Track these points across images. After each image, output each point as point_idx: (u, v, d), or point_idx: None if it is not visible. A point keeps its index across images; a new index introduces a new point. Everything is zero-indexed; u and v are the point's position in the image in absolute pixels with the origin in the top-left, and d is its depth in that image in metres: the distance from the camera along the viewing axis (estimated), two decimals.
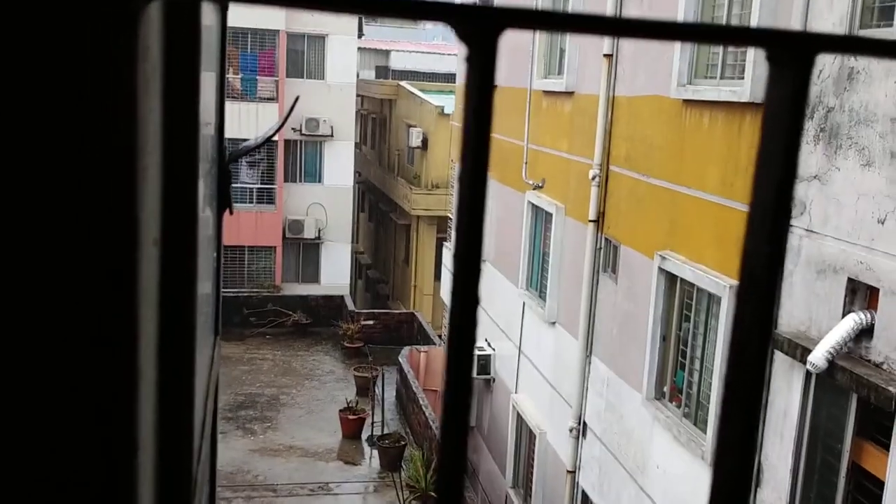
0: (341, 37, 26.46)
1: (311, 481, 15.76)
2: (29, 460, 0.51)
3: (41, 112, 0.44)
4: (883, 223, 5.89)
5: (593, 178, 10.44)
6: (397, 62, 34.10)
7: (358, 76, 28.79)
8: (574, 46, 11.37)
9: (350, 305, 24.64)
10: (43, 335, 0.48)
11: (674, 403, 8.90)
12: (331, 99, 26.42)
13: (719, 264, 7.84)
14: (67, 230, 0.46)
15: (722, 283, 7.72)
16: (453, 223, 0.46)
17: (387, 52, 34.57)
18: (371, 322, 22.99)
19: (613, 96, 10.17)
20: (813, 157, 6.63)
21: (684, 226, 8.52)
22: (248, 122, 24.92)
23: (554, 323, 11.98)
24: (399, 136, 29.02)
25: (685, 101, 8.51)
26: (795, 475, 6.74)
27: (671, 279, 8.86)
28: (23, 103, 0.44)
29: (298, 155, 27.00)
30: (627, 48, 9.94)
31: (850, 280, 6.20)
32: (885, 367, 5.86)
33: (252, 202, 26.25)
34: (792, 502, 6.76)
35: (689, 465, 8.30)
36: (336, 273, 27.27)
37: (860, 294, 6.18)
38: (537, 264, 12.86)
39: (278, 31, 25.49)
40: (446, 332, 0.43)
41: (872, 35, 6.07)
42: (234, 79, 25.45)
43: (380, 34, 42.09)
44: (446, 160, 18.97)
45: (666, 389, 9.07)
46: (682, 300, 8.77)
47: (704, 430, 8.14)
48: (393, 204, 28.69)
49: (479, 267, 0.42)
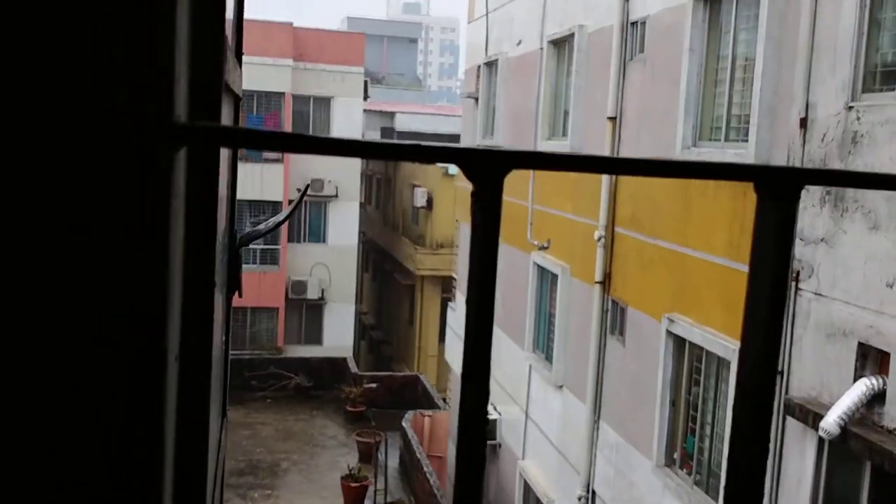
0: (346, 99, 26.84)
1: None
2: None
3: (93, 255, 0.50)
4: (892, 287, 5.83)
5: (599, 240, 10.43)
6: (402, 123, 34.54)
7: (363, 137, 29.06)
8: (578, 108, 11.48)
9: (353, 368, 24.46)
10: (76, 465, 0.52)
11: (684, 470, 8.70)
12: (336, 159, 26.62)
13: (728, 327, 7.75)
14: (104, 354, 0.51)
15: (731, 346, 7.62)
16: (462, 359, 0.45)
17: (391, 114, 35.02)
18: (374, 385, 22.76)
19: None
20: (820, 220, 6.60)
21: (692, 288, 8.45)
22: (253, 182, 25.12)
23: (561, 386, 11.83)
24: (404, 197, 29.19)
25: None
26: None
27: (679, 342, 8.76)
28: (69, 242, 0.49)
29: (303, 215, 27.14)
30: (631, 110, 10.02)
31: (861, 344, 6.11)
32: None
33: (255, 263, 26.29)
34: None
35: None
36: (339, 334, 27.15)
37: (871, 358, 6.08)
38: (544, 326, 12.77)
39: (284, 93, 25.86)
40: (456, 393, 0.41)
41: (875, 100, 6.09)
42: None
43: (385, 96, 42.76)
44: (451, 220, 19.03)
45: (676, 456, 8.89)
46: (691, 364, 8.65)
47: (716, 499, 7.94)
48: (397, 264, 28.70)
49: (486, 395, 0.40)
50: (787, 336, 6.91)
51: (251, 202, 24.33)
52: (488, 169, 0.42)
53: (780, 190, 0.45)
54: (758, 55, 7.44)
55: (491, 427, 14.20)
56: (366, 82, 27.59)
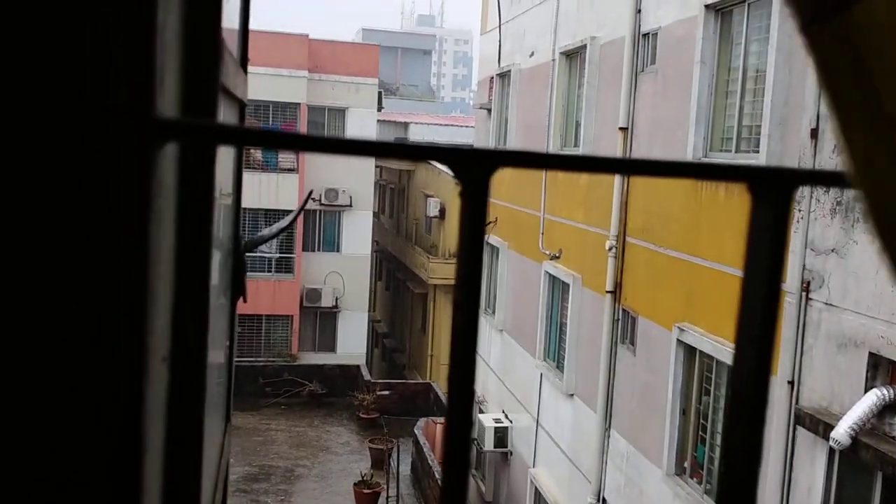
0: (361, 110, 26.97)
1: None
2: None
3: (61, 247, 0.48)
4: None
5: (610, 249, 10.46)
6: (416, 134, 34.64)
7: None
8: (590, 120, 11.53)
9: (366, 375, 24.49)
10: (41, 469, 0.49)
11: (695, 479, 8.71)
12: (350, 169, 26.79)
13: None
14: (78, 348, 0.48)
15: None
16: (449, 355, 0.45)
17: (405, 125, 35.15)
18: (387, 392, 22.80)
19: None
20: (830, 231, 6.62)
21: (702, 297, 8.47)
22: (269, 192, 25.27)
23: (572, 395, 11.84)
24: (417, 206, 29.27)
25: None
26: None
27: (690, 351, 8.77)
28: (43, 235, 0.47)
29: (317, 224, 27.25)
30: (642, 121, 10.07)
31: (872, 354, 6.12)
32: None
33: (270, 271, 26.41)
34: None
35: None
36: (352, 342, 27.21)
37: (882, 368, 6.09)
38: (555, 335, 12.79)
39: (299, 103, 26.03)
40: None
41: None
42: (256, 150, 25.91)
43: (399, 107, 42.89)
44: None
45: (686, 465, 8.89)
46: (701, 373, 8.66)
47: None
48: (410, 273, 28.75)
49: (471, 397, 0.43)
50: (798, 346, 6.93)
51: (267, 211, 24.47)
52: (475, 168, 0.41)
53: (773, 191, 0.44)
54: (769, 66, 7.48)
55: (502, 435, 14.20)
56: (380, 93, 27.73)
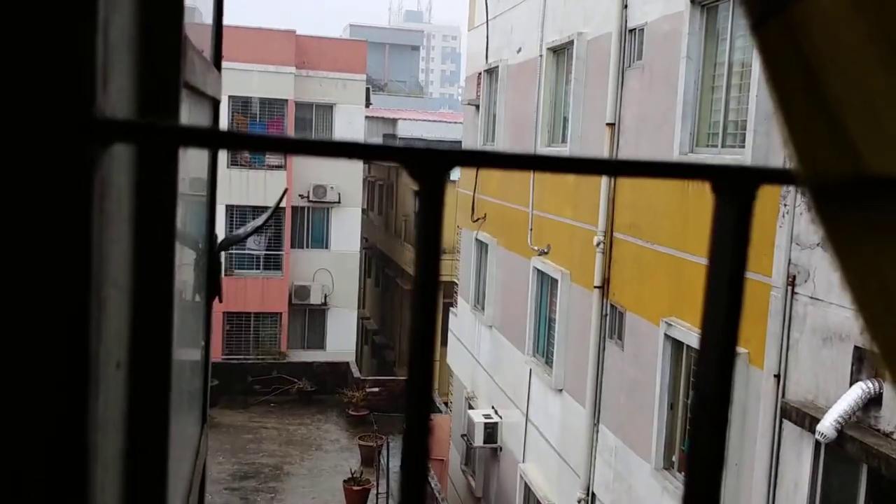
0: (349, 106, 26.92)
1: None
2: None
3: None
4: None
5: (598, 245, 10.48)
6: (404, 130, 34.60)
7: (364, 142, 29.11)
8: (577, 115, 11.54)
9: (356, 372, 24.48)
10: None
11: (683, 473, 8.74)
12: (339, 166, 26.73)
13: None
14: (18, 356, 0.47)
15: None
16: (409, 346, 0.45)
17: (394, 121, 35.10)
18: (376, 389, 22.80)
19: None
20: (815, 226, 6.64)
21: (689, 292, 8.50)
22: (256, 189, 25.21)
23: (561, 390, 11.86)
24: (406, 203, 29.26)
25: None
26: None
27: (677, 346, 8.80)
28: None
29: (305, 221, 27.20)
30: (629, 116, 10.09)
31: (857, 348, 6.15)
32: (894, 436, 5.77)
33: (259, 268, 26.35)
34: None
35: None
36: (342, 339, 27.18)
37: (867, 362, 6.13)
38: (544, 330, 12.81)
39: (287, 100, 25.95)
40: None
41: None
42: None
43: (387, 103, 42.82)
44: (452, 226, 19.09)
45: (675, 459, 8.93)
46: (689, 367, 8.69)
47: None
48: (399, 269, 28.74)
49: (429, 394, 0.43)
50: (784, 340, 6.96)
51: (255, 208, 24.42)
52: (430, 167, 0.41)
53: (735, 189, 0.44)
54: (754, 61, 7.50)
55: (492, 431, 14.22)
56: (368, 89, 27.68)
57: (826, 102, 0.39)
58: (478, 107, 16.14)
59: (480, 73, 16.02)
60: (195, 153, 1.21)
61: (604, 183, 10.38)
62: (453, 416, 17.81)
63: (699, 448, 0.47)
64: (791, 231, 6.89)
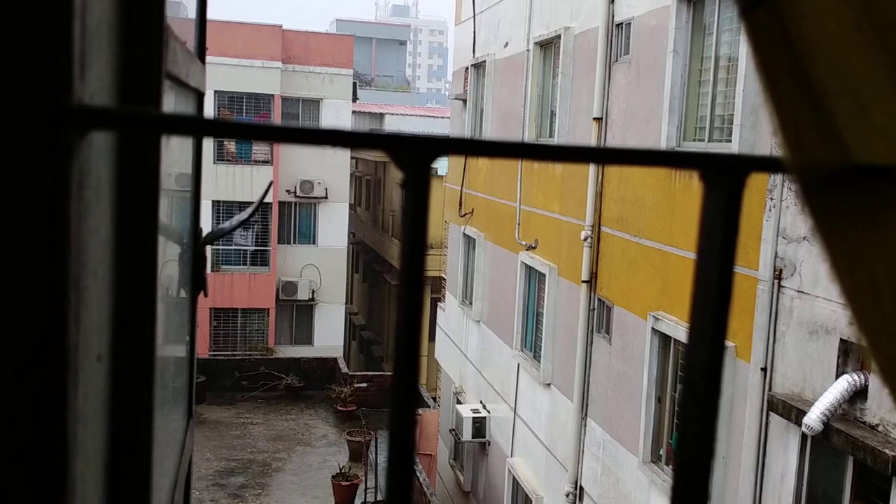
0: (336, 101, 26.84)
1: None
2: None
3: None
4: None
5: (585, 239, 10.49)
6: (391, 125, 34.56)
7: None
8: (564, 110, 11.55)
9: (343, 368, 24.46)
10: None
11: (671, 466, 8.78)
12: (325, 161, 26.67)
13: None
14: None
15: None
16: (395, 328, 0.45)
17: (381, 116, 35.05)
18: (365, 384, 22.79)
19: None
20: (802, 219, 6.68)
21: (677, 286, 8.53)
22: (243, 184, 25.12)
23: (549, 384, 11.89)
24: (393, 197, 29.22)
25: None
26: None
27: (665, 340, 8.83)
28: None
29: (293, 217, 27.12)
30: (616, 111, 10.10)
31: (843, 341, 6.19)
32: (879, 429, 5.81)
33: (246, 264, 26.26)
34: None
35: None
36: (330, 335, 27.15)
37: (853, 355, 6.16)
38: (531, 325, 12.83)
39: (273, 95, 25.86)
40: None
41: None
42: (230, 142, 25.73)
43: (374, 98, 42.72)
44: (440, 221, 19.08)
45: (662, 452, 8.97)
46: (676, 361, 8.73)
47: (709, 496, 8.01)
48: (387, 264, 28.72)
49: (415, 383, 0.42)
50: (771, 333, 7.00)
51: (241, 203, 24.33)
52: (414, 155, 0.40)
53: (725, 178, 0.44)
54: (741, 55, 7.52)
55: (480, 425, 14.25)
56: (355, 84, 27.61)
57: (813, 91, 0.39)
58: (465, 101, 16.13)
59: (468, 68, 16.00)
60: (179, 146, 1.19)
61: (591, 177, 10.39)
62: (441, 410, 17.82)
63: (688, 437, 0.46)
64: (777, 225, 6.92)
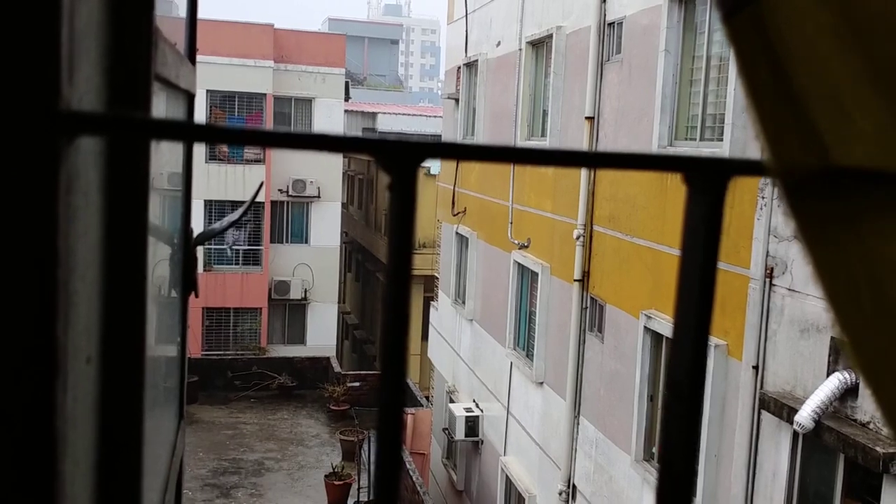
0: (328, 100, 26.80)
1: None
2: None
3: None
4: None
5: (578, 238, 10.51)
6: (384, 124, 34.51)
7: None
8: (556, 109, 11.56)
9: (336, 367, 24.44)
10: None
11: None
12: (318, 160, 26.63)
13: None
14: None
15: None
16: (380, 329, 0.44)
17: (373, 115, 35.01)
18: (357, 384, 22.76)
19: None
20: (787, 220, 6.70)
21: (669, 285, 8.55)
22: (235, 183, 25.05)
23: (542, 383, 11.90)
24: (386, 197, 29.17)
25: None
26: None
27: (657, 338, 8.85)
28: None
29: (285, 216, 27.08)
30: (608, 110, 10.12)
31: (834, 339, 6.21)
32: (871, 426, 5.84)
33: (238, 264, 26.21)
34: None
35: None
36: (322, 334, 27.11)
37: (844, 353, 6.19)
38: (524, 324, 12.84)
39: (265, 94, 25.80)
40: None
41: None
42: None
43: (367, 97, 42.68)
44: (432, 220, 19.08)
45: (655, 450, 8.99)
46: (668, 359, 8.75)
47: (694, 494, 8.05)
48: (380, 264, 28.70)
49: (403, 381, 0.42)
50: (762, 331, 7.02)
51: (234, 202, 24.27)
52: (401, 159, 0.41)
53: (707, 181, 0.45)
54: (732, 55, 7.54)
55: (473, 424, 14.26)
56: (347, 83, 27.58)
57: (793, 95, 0.39)
58: (457, 101, 16.13)
59: (460, 67, 16.00)
60: (170, 147, 1.19)
61: (584, 176, 10.41)
62: (434, 409, 17.83)
63: (672, 436, 0.46)
64: (769, 223, 6.94)
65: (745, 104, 0.43)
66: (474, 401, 14.69)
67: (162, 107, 1.02)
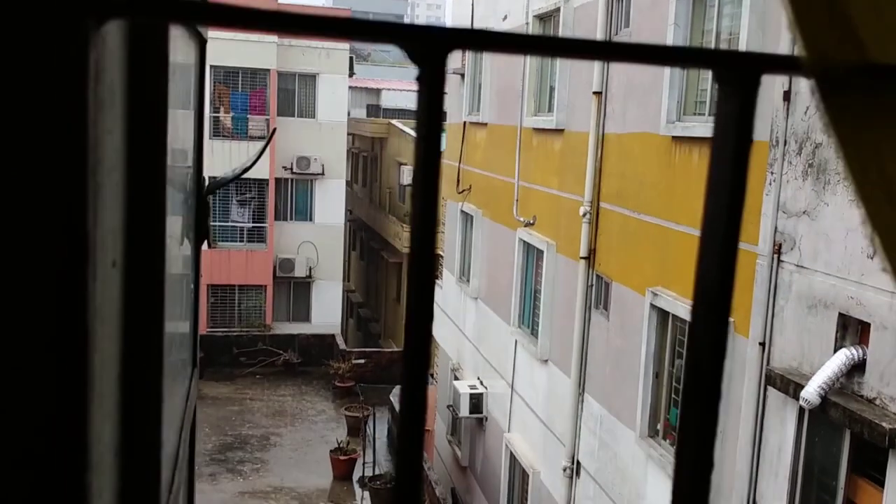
0: (332, 76, 26.67)
1: None
2: None
3: None
4: (872, 258, 5.90)
5: (584, 215, 10.47)
6: (388, 100, 34.39)
7: (349, 115, 28.98)
8: (564, 84, 11.48)
9: (341, 344, 24.51)
10: None
11: (668, 441, 8.82)
12: (322, 137, 26.55)
13: None
14: (12, 243, 0.46)
15: None
16: (409, 238, 0.44)
17: (378, 91, 34.88)
18: (362, 361, 22.85)
19: (603, 133, 10.24)
20: (802, 193, 6.66)
21: (675, 262, 8.52)
22: (240, 159, 24.97)
23: (546, 360, 11.91)
24: (390, 174, 29.13)
25: (674, 137, 8.57)
26: None
27: (663, 315, 8.84)
28: None
29: (289, 193, 27.04)
30: (616, 85, 10.04)
31: (842, 315, 6.19)
32: (877, 402, 5.82)
33: (243, 241, 26.21)
34: None
35: None
36: (327, 312, 27.16)
37: (851, 329, 6.17)
38: (529, 301, 12.83)
39: (269, 70, 25.68)
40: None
41: None
42: (226, 117, 25.58)
43: (371, 73, 42.47)
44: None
45: (659, 427, 9.00)
46: (674, 336, 8.74)
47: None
48: (384, 242, 28.69)
49: (432, 282, 0.41)
50: (770, 307, 7.00)
51: (239, 180, 24.21)
52: (430, 47, 0.40)
53: (738, 76, 0.44)
54: (742, 28, 7.46)
55: (477, 401, 14.30)
56: (351, 59, 27.43)
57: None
58: (463, 76, 16.03)
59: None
60: (183, 118, 1.16)
61: (590, 153, 10.35)
62: (439, 386, 17.88)
63: (690, 411, 0.46)
64: (777, 199, 6.90)
65: (782, 1, 0.42)
66: (478, 378, 14.72)
67: (179, 50, 1.00)
